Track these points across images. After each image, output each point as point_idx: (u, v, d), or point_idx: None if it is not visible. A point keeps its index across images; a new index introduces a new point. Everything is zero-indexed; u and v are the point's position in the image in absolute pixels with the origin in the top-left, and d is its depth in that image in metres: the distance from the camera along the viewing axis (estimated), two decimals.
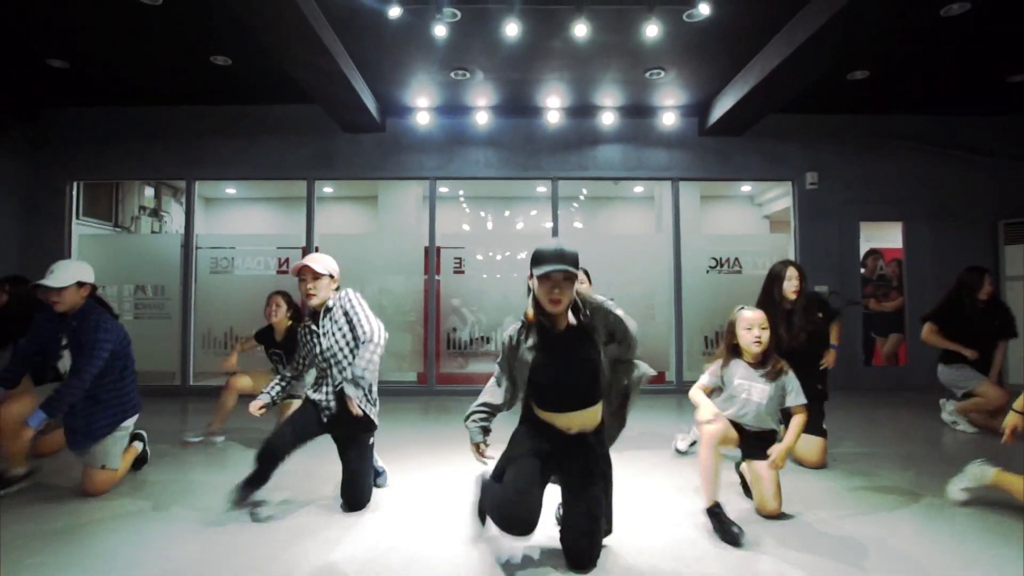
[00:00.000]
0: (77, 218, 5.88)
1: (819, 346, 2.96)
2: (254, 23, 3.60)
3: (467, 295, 5.59)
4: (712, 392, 2.27)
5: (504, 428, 1.96)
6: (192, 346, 5.49)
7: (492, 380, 1.91)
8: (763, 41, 4.25)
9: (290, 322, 3.47)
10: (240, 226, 7.86)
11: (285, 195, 7.94)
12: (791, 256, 5.70)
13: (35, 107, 5.56)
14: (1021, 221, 5.52)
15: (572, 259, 1.70)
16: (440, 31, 3.97)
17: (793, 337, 2.73)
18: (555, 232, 5.53)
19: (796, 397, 2.13)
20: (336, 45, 4.09)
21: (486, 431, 1.84)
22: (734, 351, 2.21)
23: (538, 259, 1.72)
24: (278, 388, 2.44)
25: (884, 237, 6.41)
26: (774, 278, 2.98)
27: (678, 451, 3.16)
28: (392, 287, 5.62)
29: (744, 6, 3.78)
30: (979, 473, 2.26)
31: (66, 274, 2.35)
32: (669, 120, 5.46)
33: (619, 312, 1.77)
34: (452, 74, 4.81)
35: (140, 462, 2.81)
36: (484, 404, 1.88)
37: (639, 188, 8.03)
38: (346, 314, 2.28)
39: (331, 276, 2.33)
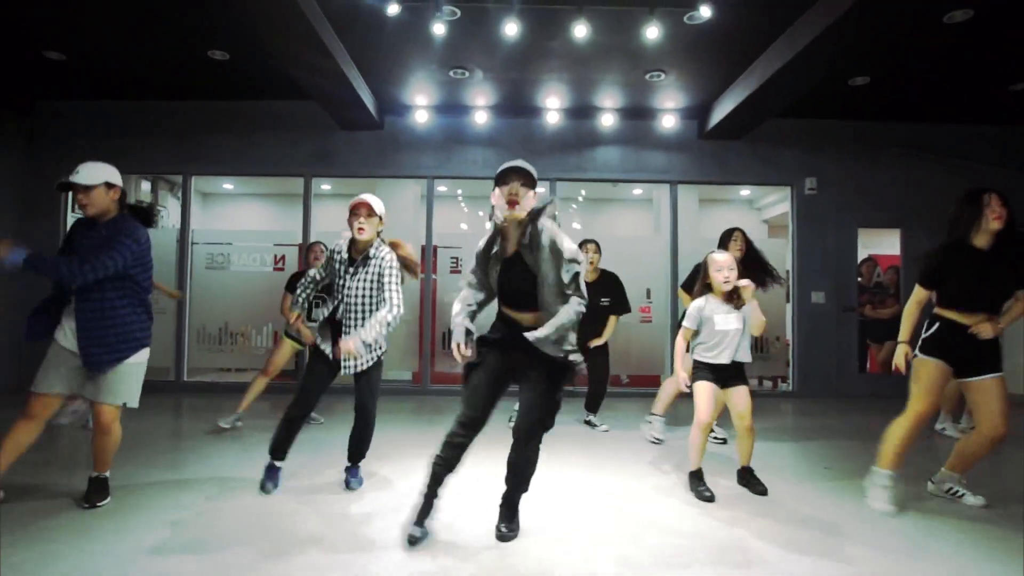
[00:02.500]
0: (72, 211, 5.84)
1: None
2: (252, 18, 3.58)
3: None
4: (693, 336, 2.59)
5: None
6: (187, 342, 5.47)
7: (466, 285, 2.09)
8: (764, 45, 4.23)
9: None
10: (237, 222, 7.82)
11: (282, 191, 7.90)
12: (788, 262, 5.69)
13: (31, 99, 5.53)
14: (1019, 230, 5.50)
15: (528, 169, 1.92)
16: (439, 29, 3.95)
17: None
18: None
19: (751, 313, 2.51)
20: (335, 42, 4.07)
21: (469, 333, 1.99)
22: (707, 288, 2.54)
23: (500, 170, 1.93)
24: (302, 297, 2.59)
25: (882, 244, 6.42)
26: (723, 240, 3.56)
27: (656, 440, 3.56)
28: None
29: (745, 9, 3.76)
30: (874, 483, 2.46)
31: (94, 173, 2.20)
32: (668, 123, 5.45)
33: (558, 240, 1.88)
34: (451, 73, 4.78)
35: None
36: (467, 305, 2.04)
37: (638, 190, 8.01)
38: (380, 275, 2.38)
39: (380, 218, 2.46)
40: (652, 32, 3.92)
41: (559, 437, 3.29)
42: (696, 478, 2.54)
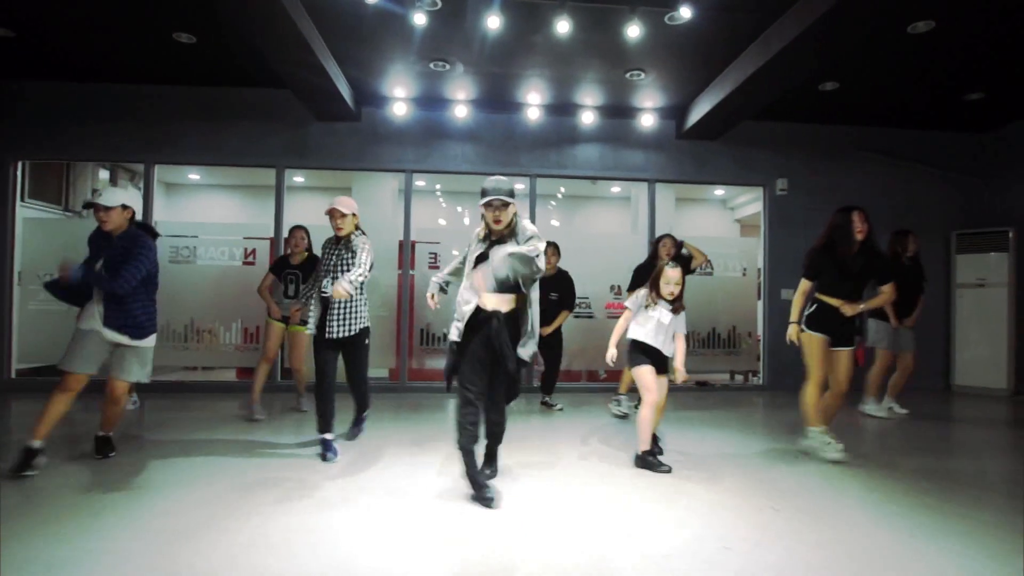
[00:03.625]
0: (22, 200, 5.48)
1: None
2: (219, 2, 3.41)
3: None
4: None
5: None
6: None
7: (456, 261, 2.69)
8: (740, 48, 4.33)
9: (306, 253, 4.11)
10: (204, 214, 7.50)
11: (253, 183, 7.63)
12: (759, 260, 5.86)
13: None
14: (972, 232, 5.83)
15: (507, 191, 2.38)
16: (419, 19, 3.88)
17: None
18: None
19: (682, 327, 2.98)
20: (310, 28, 3.93)
21: (441, 290, 2.69)
22: (655, 289, 2.94)
23: (483, 192, 2.39)
24: (304, 299, 3.24)
25: None
26: (656, 243, 4.43)
27: (618, 415, 4.20)
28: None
29: (724, 13, 3.84)
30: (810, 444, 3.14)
31: (114, 197, 2.76)
32: (647, 122, 5.51)
33: (537, 254, 2.35)
34: (432, 65, 4.70)
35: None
36: (449, 273, 2.71)
37: (616, 188, 8.10)
38: (354, 250, 2.96)
39: (353, 214, 3.05)
40: (633, 31, 3.95)
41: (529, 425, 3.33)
42: (651, 455, 2.84)
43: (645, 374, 2.86)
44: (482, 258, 2.41)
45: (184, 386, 5.35)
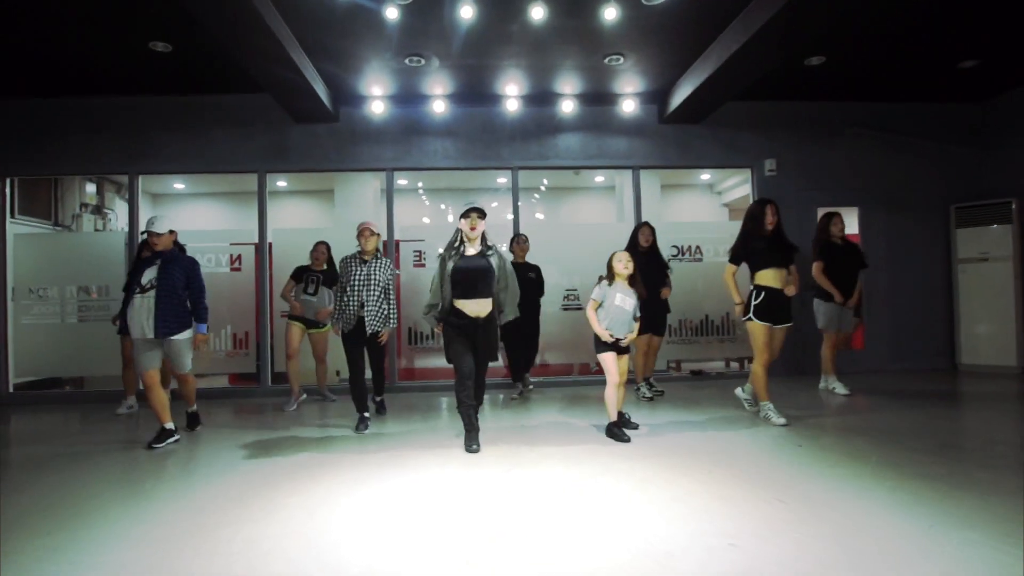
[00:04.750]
0: (12, 216, 5.53)
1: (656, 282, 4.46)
2: (193, 5, 3.38)
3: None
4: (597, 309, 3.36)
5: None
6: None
7: (433, 289, 3.21)
8: (721, 27, 4.22)
9: (325, 266, 4.65)
10: (190, 223, 7.51)
11: (237, 190, 7.64)
12: None
13: None
14: (971, 205, 5.67)
15: (482, 208, 3.18)
16: (392, 13, 3.82)
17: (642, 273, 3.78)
18: (516, 223, 5.44)
19: (637, 311, 3.34)
20: (281, 28, 3.89)
21: (437, 320, 3.21)
22: (611, 276, 3.34)
23: (464, 207, 3.18)
24: (333, 307, 3.91)
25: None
26: (635, 231, 4.60)
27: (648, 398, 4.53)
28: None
29: None
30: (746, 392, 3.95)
31: (164, 224, 3.46)
32: (629, 107, 5.42)
33: (506, 262, 3.28)
34: (407, 60, 4.65)
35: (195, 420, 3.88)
36: (431, 305, 3.22)
37: (600, 178, 8.00)
38: (388, 280, 3.78)
39: (379, 235, 3.83)
40: (610, 13, 3.87)
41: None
42: (617, 426, 3.27)
43: (609, 360, 3.29)
44: (460, 264, 3.10)
45: (172, 394, 5.37)
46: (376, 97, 5.25)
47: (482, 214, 3.13)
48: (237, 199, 7.87)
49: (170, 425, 3.42)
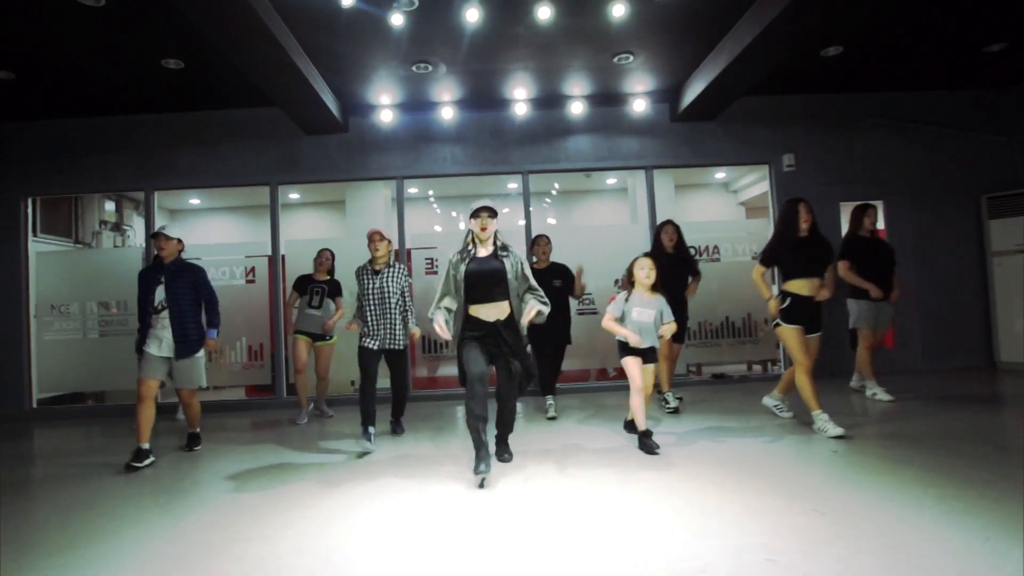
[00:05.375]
0: (34, 235, 5.65)
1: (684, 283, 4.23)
2: (200, 19, 3.42)
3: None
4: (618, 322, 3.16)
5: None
6: None
7: (439, 296, 2.88)
8: (733, 20, 4.11)
9: (328, 276, 4.56)
10: (206, 237, 7.63)
11: (251, 203, 7.73)
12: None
13: None
14: (1004, 195, 5.41)
15: (491, 206, 2.86)
16: (397, 20, 3.81)
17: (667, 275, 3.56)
18: (528, 228, 5.37)
19: (668, 315, 3.14)
20: (289, 39, 3.90)
21: (447, 322, 2.85)
22: (631, 284, 3.16)
23: (473, 206, 2.87)
24: (355, 314, 3.76)
25: None
26: (657, 231, 4.38)
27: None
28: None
29: None
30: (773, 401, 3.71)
31: (174, 231, 3.44)
32: (640, 107, 5.32)
33: (524, 263, 2.88)
34: (414, 67, 4.64)
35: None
36: (444, 308, 2.87)
37: (612, 180, 7.89)
38: (403, 287, 3.66)
39: (389, 240, 3.70)
40: (618, 10, 3.80)
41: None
42: (647, 435, 3.02)
43: (632, 366, 3.11)
44: (473, 268, 2.80)
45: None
46: (384, 106, 5.25)
47: (493, 213, 2.83)
48: (251, 213, 7.96)
49: (147, 445, 3.22)
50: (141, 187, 5.45)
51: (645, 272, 3.12)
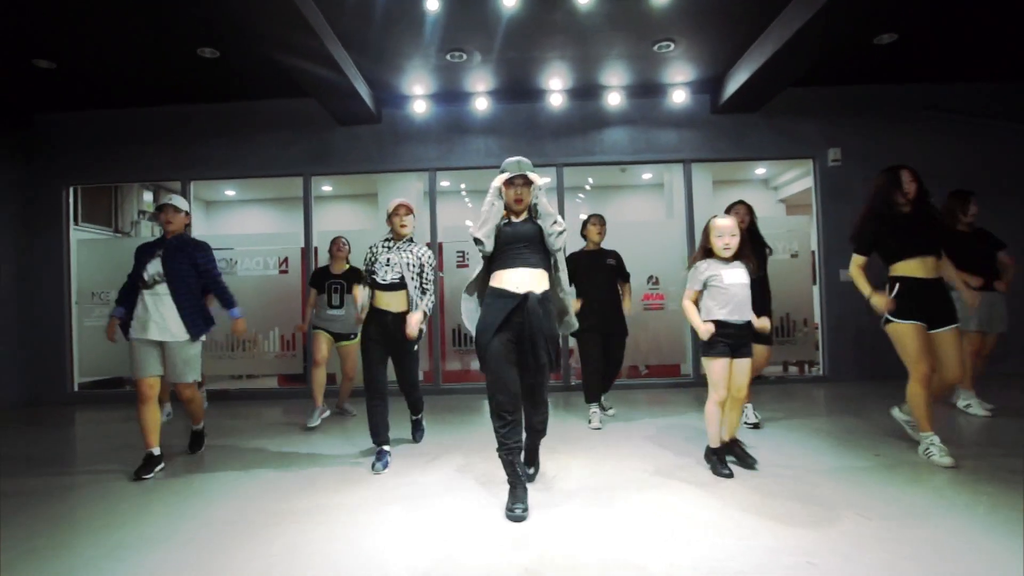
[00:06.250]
0: (75, 224, 5.78)
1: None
2: (238, 8, 3.40)
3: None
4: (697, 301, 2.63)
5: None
6: None
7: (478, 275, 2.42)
8: (783, 3, 3.91)
9: (347, 265, 4.23)
10: (241, 228, 7.74)
11: (285, 195, 7.81)
12: (813, 239, 5.38)
13: (28, 112, 5.46)
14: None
15: (528, 168, 2.33)
16: (432, 6, 3.74)
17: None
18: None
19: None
20: (324, 28, 3.87)
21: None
22: (707, 254, 2.56)
23: (504, 171, 2.34)
24: (363, 300, 3.22)
25: None
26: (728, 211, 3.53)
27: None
28: None
29: None
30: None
31: (182, 203, 3.10)
32: (679, 98, 5.15)
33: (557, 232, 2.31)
34: (448, 57, 4.57)
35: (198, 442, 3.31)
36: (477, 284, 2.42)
37: (647, 175, 7.72)
38: (422, 265, 3.01)
39: (414, 215, 3.12)
40: None
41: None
42: (717, 455, 2.56)
43: (717, 370, 2.51)
44: (508, 230, 2.31)
45: (230, 394, 5.47)
46: (418, 96, 5.20)
47: (529, 182, 2.31)
48: (284, 204, 8.04)
49: (158, 450, 2.92)
50: (178, 177, 5.52)
51: (724, 240, 2.47)
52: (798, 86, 5.00)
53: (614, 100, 5.18)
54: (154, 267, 2.91)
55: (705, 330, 2.48)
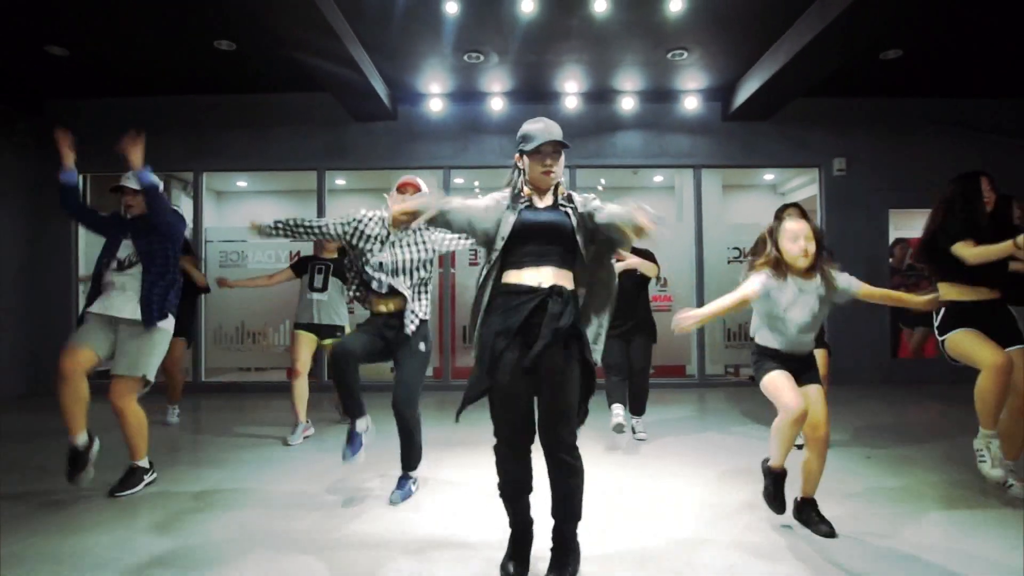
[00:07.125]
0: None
1: None
2: (257, 5, 3.44)
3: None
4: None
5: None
6: (203, 342, 5.39)
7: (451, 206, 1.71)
8: (793, 17, 4.03)
9: (336, 254, 3.71)
10: (252, 219, 7.73)
11: (297, 188, 7.79)
12: None
13: (39, 99, 5.45)
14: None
15: (559, 131, 1.74)
16: (451, 7, 3.81)
17: None
18: None
19: (850, 281, 1.99)
20: (343, 26, 3.92)
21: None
22: (776, 266, 1.97)
23: (528, 136, 1.73)
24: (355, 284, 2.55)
25: (915, 226, 6.16)
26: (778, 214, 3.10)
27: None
28: None
29: None
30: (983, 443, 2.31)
31: (133, 181, 2.68)
32: (691, 104, 5.26)
33: (591, 198, 1.79)
34: (465, 57, 4.64)
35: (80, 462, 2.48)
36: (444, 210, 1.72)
37: (659, 178, 7.82)
38: (428, 250, 2.47)
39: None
40: (675, 5, 3.75)
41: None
42: (777, 481, 2.02)
43: (776, 382, 1.95)
44: (528, 215, 1.71)
45: (237, 387, 5.50)
46: (434, 95, 5.26)
47: (560, 148, 1.74)
48: (297, 196, 8.03)
49: (85, 438, 2.49)
50: (191, 167, 5.54)
51: (800, 246, 1.93)
52: (807, 96, 5.12)
53: (628, 105, 5.27)
54: (127, 249, 2.62)
55: (684, 317, 1.90)
